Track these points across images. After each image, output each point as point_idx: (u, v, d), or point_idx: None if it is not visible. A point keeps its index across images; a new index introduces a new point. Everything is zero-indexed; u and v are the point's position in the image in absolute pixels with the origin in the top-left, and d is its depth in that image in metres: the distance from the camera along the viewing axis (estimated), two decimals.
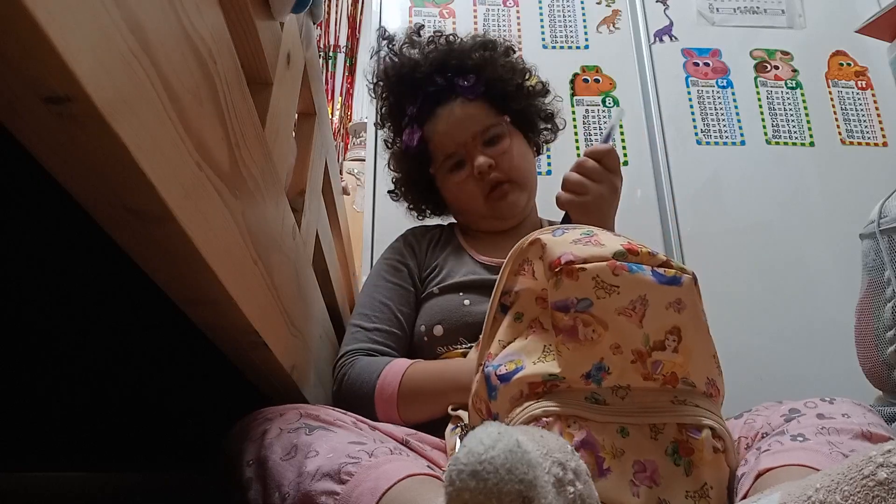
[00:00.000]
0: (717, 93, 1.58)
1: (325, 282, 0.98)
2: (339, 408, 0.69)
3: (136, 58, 0.30)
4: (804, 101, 1.58)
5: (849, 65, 1.63)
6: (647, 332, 0.50)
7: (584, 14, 1.66)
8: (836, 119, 1.56)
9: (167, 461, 1.01)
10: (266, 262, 0.53)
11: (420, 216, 1.06)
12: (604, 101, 1.56)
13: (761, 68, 1.61)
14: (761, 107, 1.57)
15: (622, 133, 1.53)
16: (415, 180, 0.99)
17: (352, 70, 2.74)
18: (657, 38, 1.63)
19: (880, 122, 1.57)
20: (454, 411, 0.65)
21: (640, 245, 0.53)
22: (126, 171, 0.30)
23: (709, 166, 1.51)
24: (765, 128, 1.55)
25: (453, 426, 0.63)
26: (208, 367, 0.65)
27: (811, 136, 1.55)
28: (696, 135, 1.54)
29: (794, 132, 1.55)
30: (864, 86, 1.60)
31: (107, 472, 1.09)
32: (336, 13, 2.80)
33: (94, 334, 0.66)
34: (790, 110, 1.57)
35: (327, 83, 2.67)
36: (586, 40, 1.63)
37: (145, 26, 0.30)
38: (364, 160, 1.61)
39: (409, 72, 0.93)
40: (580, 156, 0.82)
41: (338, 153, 2.40)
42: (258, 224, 0.51)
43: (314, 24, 0.86)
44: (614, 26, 1.65)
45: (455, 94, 0.91)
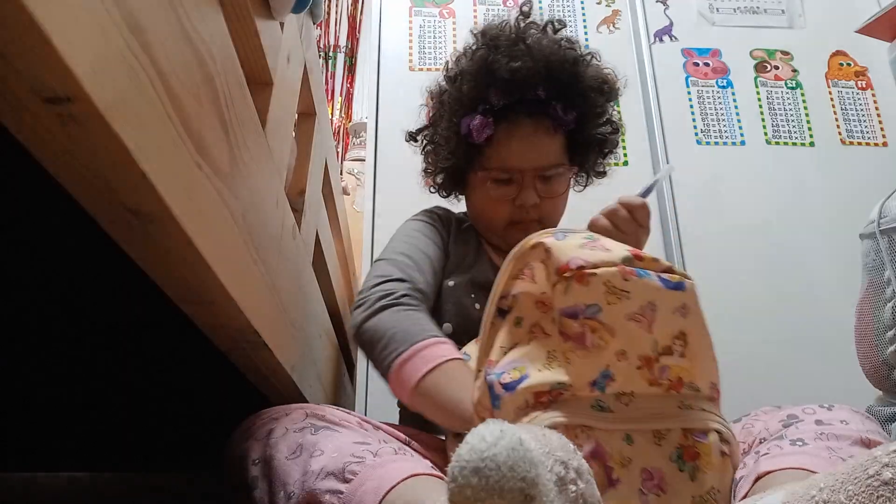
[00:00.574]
0: (717, 93, 1.58)
1: (325, 282, 0.98)
2: (357, 334, 0.69)
3: (136, 58, 0.30)
4: (804, 101, 1.58)
5: (849, 65, 1.63)
6: (655, 337, 0.49)
7: (584, 14, 1.66)
8: (836, 119, 1.56)
9: (167, 461, 1.01)
10: (266, 262, 0.53)
11: (427, 184, 0.98)
12: None
13: (761, 68, 1.61)
14: (761, 107, 1.57)
15: (622, 132, 1.52)
16: (451, 159, 0.87)
17: (352, 70, 2.74)
18: (657, 38, 1.63)
19: (880, 122, 1.57)
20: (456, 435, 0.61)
21: (643, 251, 0.53)
22: (126, 171, 0.30)
23: (709, 166, 1.51)
24: (765, 128, 1.55)
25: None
26: (208, 368, 0.65)
27: (811, 136, 1.55)
28: (696, 135, 1.54)
29: (794, 132, 1.55)
30: (864, 86, 1.60)
31: (107, 472, 1.09)
32: (336, 13, 2.80)
33: (94, 334, 0.66)
34: (790, 110, 1.57)
35: (327, 83, 2.67)
36: (586, 40, 1.62)
37: (145, 26, 0.30)
38: (364, 160, 1.61)
39: (522, 67, 0.79)
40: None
41: (338, 153, 2.40)
42: (258, 224, 0.51)
43: (314, 24, 0.85)
44: (614, 26, 1.65)
45: (545, 114, 0.82)
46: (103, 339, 0.67)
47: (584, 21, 1.65)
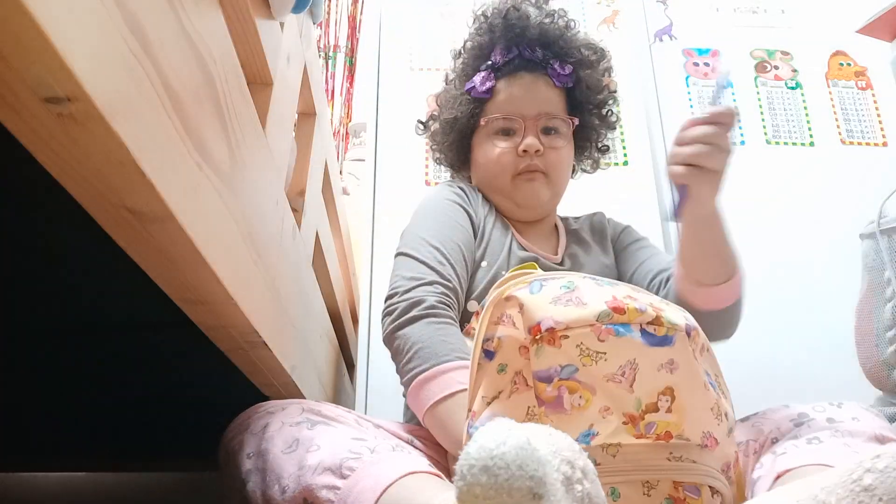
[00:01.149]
0: None
1: (325, 282, 0.98)
2: (386, 340, 0.70)
3: (136, 58, 0.30)
4: (804, 101, 1.58)
5: (849, 65, 1.62)
6: (638, 396, 0.47)
7: (583, 14, 1.66)
8: (836, 119, 1.56)
9: (167, 461, 1.01)
10: (266, 262, 0.53)
11: (437, 160, 1.00)
12: None
13: (761, 68, 1.61)
14: (761, 107, 1.57)
15: (622, 133, 1.52)
16: (457, 126, 0.92)
17: (352, 70, 2.73)
18: (657, 38, 1.63)
19: (880, 122, 1.57)
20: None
21: (626, 299, 0.50)
22: (126, 171, 0.30)
23: None
24: (764, 128, 1.55)
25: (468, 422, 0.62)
26: (208, 367, 0.65)
27: (811, 136, 1.55)
28: None
29: (794, 132, 1.55)
30: (864, 86, 1.60)
31: (107, 472, 1.09)
32: (336, 13, 2.80)
33: (94, 334, 0.66)
34: (790, 110, 1.57)
35: (327, 83, 2.67)
36: None
37: (145, 26, 0.30)
38: (364, 160, 1.61)
39: (517, 24, 0.88)
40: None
41: (338, 153, 2.40)
42: (258, 224, 0.51)
43: (314, 24, 0.86)
44: (614, 26, 1.65)
45: (544, 72, 0.88)
46: (103, 339, 0.67)
47: (584, 21, 1.64)
